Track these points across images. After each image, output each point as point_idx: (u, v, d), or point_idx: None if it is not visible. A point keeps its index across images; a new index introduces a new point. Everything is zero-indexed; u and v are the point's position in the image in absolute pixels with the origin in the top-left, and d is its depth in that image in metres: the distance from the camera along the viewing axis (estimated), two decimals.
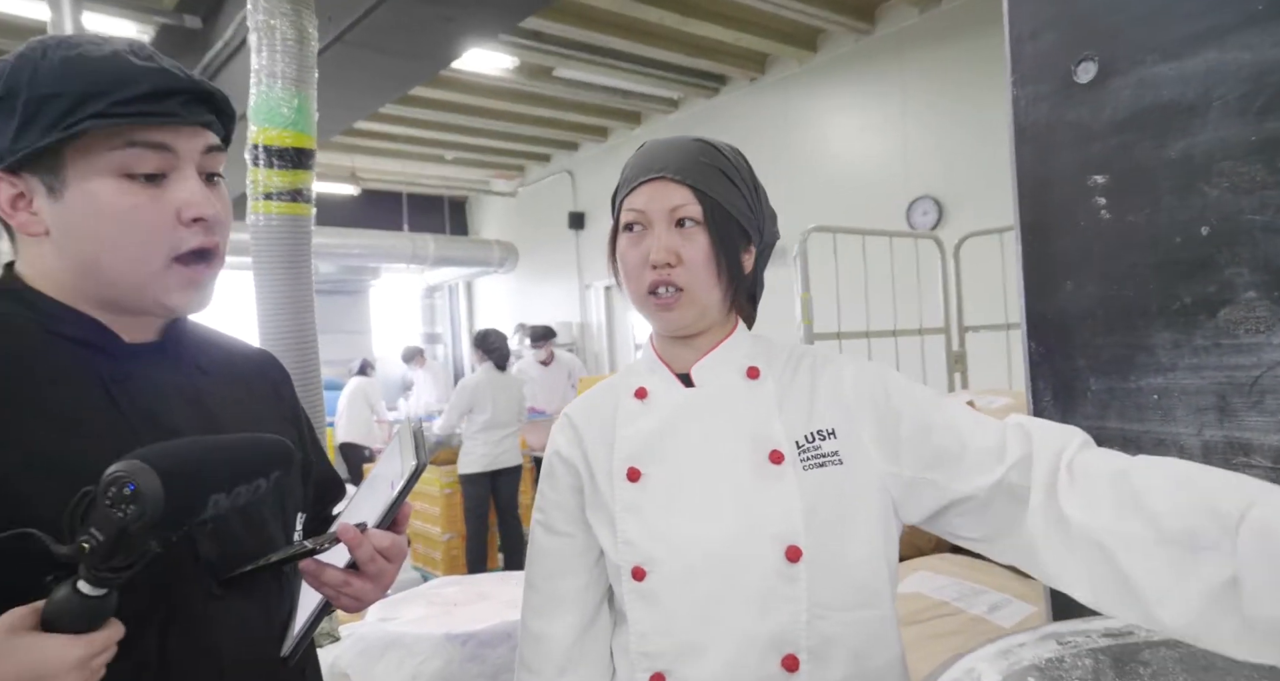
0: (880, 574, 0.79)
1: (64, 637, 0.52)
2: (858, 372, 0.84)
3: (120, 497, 0.51)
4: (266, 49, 1.61)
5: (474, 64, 5.52)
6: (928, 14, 5.06)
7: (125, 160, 0.64)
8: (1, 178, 0.65)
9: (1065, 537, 0.66)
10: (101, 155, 0.64)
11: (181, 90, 0.66)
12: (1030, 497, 0.70)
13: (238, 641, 0.70)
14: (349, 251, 7.87)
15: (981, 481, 0.73)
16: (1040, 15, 1.07)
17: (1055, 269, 1.09)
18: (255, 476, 0.58)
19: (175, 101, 0.65)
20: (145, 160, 0.65)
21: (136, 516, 0.50)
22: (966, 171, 4.87)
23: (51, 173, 0.64)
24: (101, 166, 0.64)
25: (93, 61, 0.63)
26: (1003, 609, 1.40)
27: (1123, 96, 1.00)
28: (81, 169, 0.64)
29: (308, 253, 1.70)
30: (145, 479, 0.51)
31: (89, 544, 0.51)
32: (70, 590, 0.53)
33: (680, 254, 0.80)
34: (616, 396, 0.88)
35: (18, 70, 0.63)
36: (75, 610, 0.53)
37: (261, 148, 1.61)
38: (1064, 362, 1.09)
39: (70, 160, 0.64)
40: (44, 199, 0.65)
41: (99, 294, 0.68)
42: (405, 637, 1.91)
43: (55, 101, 0.62)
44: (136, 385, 0.69)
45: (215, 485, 0.55)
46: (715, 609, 0.75)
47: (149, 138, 0.64)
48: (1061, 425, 0.75)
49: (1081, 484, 0.66)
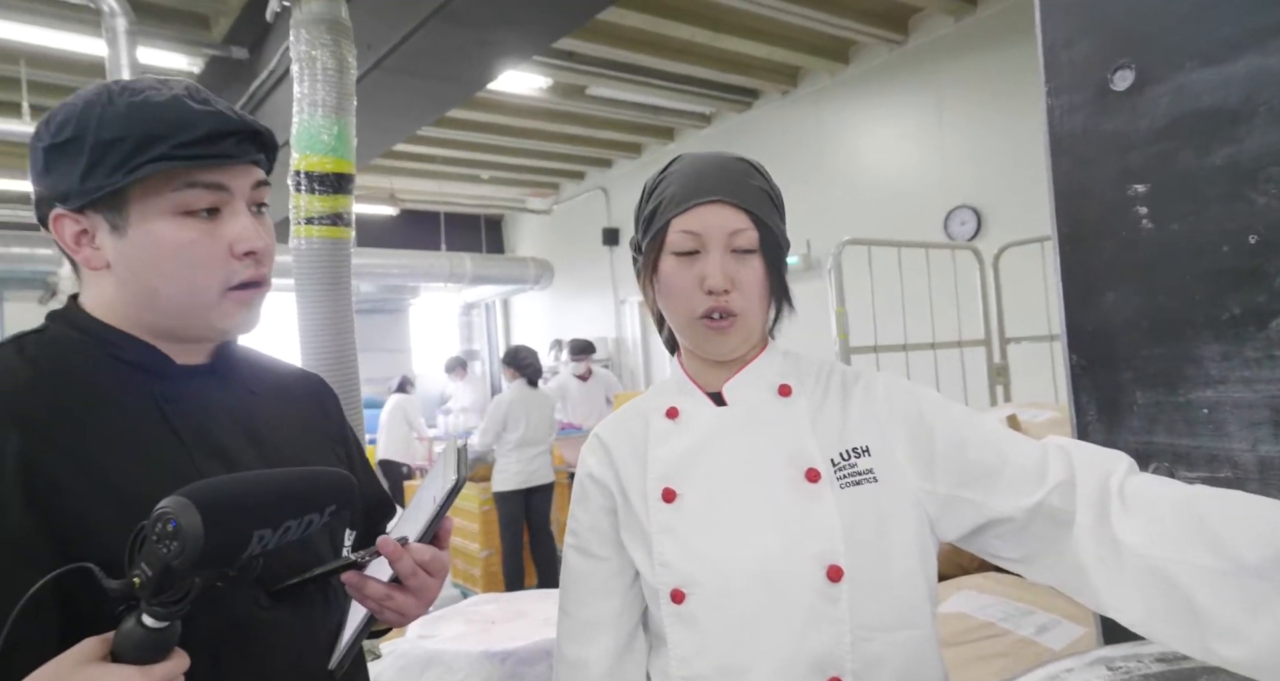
0: (921, 592, 0.77)
1: (128, 668, 0.54)
2: (889, 388, 0.83)
3: (165, 534, 0.52)
4: (308, 79, 1.66)
5: (508, 85, 5.62)
6: (963, 22, 5.02)
7: (184, 200, 0.68)
8: (68, 216, 0.69)
9: (1118, 563, 0.64)
10: (163, 195, 0.67)
11: (234, 131, 0.69)
12: (1076, 521, 0.68)
13: (286, 652, 0.73)
14: (388, 271, 8.03)
15: (1021, 502, 0.71)
16: (1074, 23, 1.05)
17: (1096, 279, 1.07)
18: (306, 511, 0.59)
19: (229, 142, 0.69)
20: (202, 199, 0.69)
21: (178, 553, 0.52)
22: (1006, 180, 4.79)
23: (115, 211, 0.68)
24: (163, 206, 0.68)
25: (155, 106, 0.67)
26: (1051, 630, 1.36)
27: (1162, 104, 0.98)
28: (143, 208, 0.68)
29: (347, 274, 1.74)
30: (186, 516, 0.52)
31: (139, 578, 0.53)
32: (135, 622, 0.55)
33: (736, 279, 0.79)
34: (647, 416, 0.88)
35: (86, 114, 0.67)
36: (139, 641, 0.55)
37: (303, 174, 1.67)
38: (1107, 375, 1.06)
39: (133, 199, 0.67)
40: (107, 235, 0.69)
41: (156, 322, 0.71)
42: (444, 655, 1.92)
43: (120, 145, 0.65)
44: (188, 405, 0.72)
45: (260, 521, 0.56)
46: (756, 630, 0.74)
47: (206, 179, 0.68)
48: (1105, 449, 0.73)
49: (1138, 509, 0.65)
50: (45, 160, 0.69)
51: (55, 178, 0.68)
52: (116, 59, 3.33)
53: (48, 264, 5.90)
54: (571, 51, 5.14)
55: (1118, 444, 1.06)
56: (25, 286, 6.27)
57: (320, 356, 1.71)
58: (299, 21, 1.68)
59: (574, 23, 3.58)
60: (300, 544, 0.75)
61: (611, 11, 4.44)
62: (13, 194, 7.12)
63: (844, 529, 0.75)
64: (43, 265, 5.98)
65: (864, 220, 5.06)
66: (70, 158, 0.67)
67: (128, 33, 3.33)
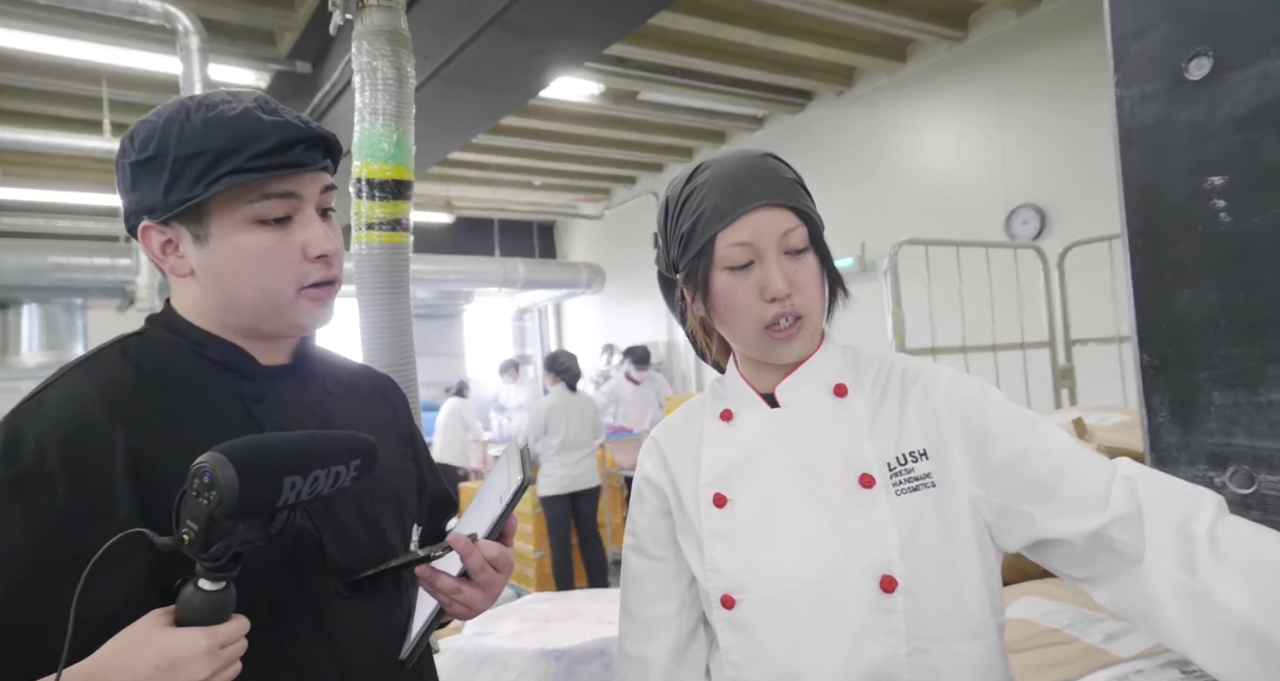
0: (983, 602, 0.74)
1: (192, 629, 0.59)
2: (950, 387, 0.79)
3: (203, 487, 0.56)
4: (369, 89, 1.71)
5: (560, 92, 5.69)
6: (1025, 17, 4.87)
7: (259, 210, 0.72)
8: (154, 227, 0.73)
9: (1211, 617, 0.61)
10: (240, 207, 0.72)
11: (302, 139, 0.73)
12: (1146, 560, 0.65)
13: (362, 641, 0.76)
14: (444, 277, 8.21)
15: (1078, 527, 0.68)
16: (1146, 11, 1.02)
17: (1169, 276, 1.02)
18: (332, 463, 0.63)
19: (298, 150, 0.72)
20: (275, 208, 0.73)
21: (216, 502, 0.56)
22: (1071, 177, 4.62)
23: (197, 222, 0.72)
24: (240, 217, 0.72)
25: (228, 121, 0.70)
26: (1120, 638, 1.30)
27: (1244, 92, 0.93)
28: (222, 219, 0.72)
29: (406, 279, 1.79)
30: (220, 467, 0.56)
31: (188, 534, 0.57)
32: (193, 588, 0.59)
33: (795, 281, 0.77)
34: (702, 418, 0.87)
35: (166, 131, 0.71)
36: (198, 604, 0.59)
37: (364, 181, 1.72)
38: (1182, 375, 1.02)
39: (212, 211, 0.72)
40: (190, 245, 0.73)
41: (239, 323, 0.76)
42: (501, 652, 1.95)
43: (198, 159, 0.69)
44: (272, 404, 0.76)
45: (288, 468, 0.60)
46: (809, 640, 0.73)
47: (279, 188, 0.72)
48: (1186, 484, 0.69)
49: (1235, 566, 0.61)
50: (132, 176, 0.73)
51: (141, 193, 0.72)
52: (190, 75, 3.50)
53: (127, 273, 6.22)
54: (623, 57, 5.18)
55: (1192, 446, 1.02)
56: (106, 294, 6.61)
57: (381, 359, 1.76)
58: (360, 33, 1.74)
59: (627, 28, 3.61)
60: (375, 536, 0.79)
61: (663, 16, 4.45)
62: (96, 208, 7.54)
63: (901, 537, 0.73)
64: (123, 275, 6.31)
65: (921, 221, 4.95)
66: (154, 173, 0.71)
67: (200, 50, 3.50)
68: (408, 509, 0.87)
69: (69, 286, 6.33)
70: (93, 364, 0.73)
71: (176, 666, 0.57)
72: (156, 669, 0.56)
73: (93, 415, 0.67)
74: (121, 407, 0.68)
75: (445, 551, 0.72)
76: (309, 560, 0.73)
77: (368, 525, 0.79)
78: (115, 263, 6.35)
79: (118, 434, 0.66)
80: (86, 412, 0.67)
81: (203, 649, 0.58)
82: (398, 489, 0.86)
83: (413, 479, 0.90)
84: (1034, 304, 2.80)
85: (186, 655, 0.57)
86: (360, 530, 0.78)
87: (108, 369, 0.72)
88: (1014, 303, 2.75)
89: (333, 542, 0.75)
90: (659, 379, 6.32)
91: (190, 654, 0.57)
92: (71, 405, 0.68)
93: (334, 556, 0.74)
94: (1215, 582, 0.60)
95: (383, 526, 0.81)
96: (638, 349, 6.02)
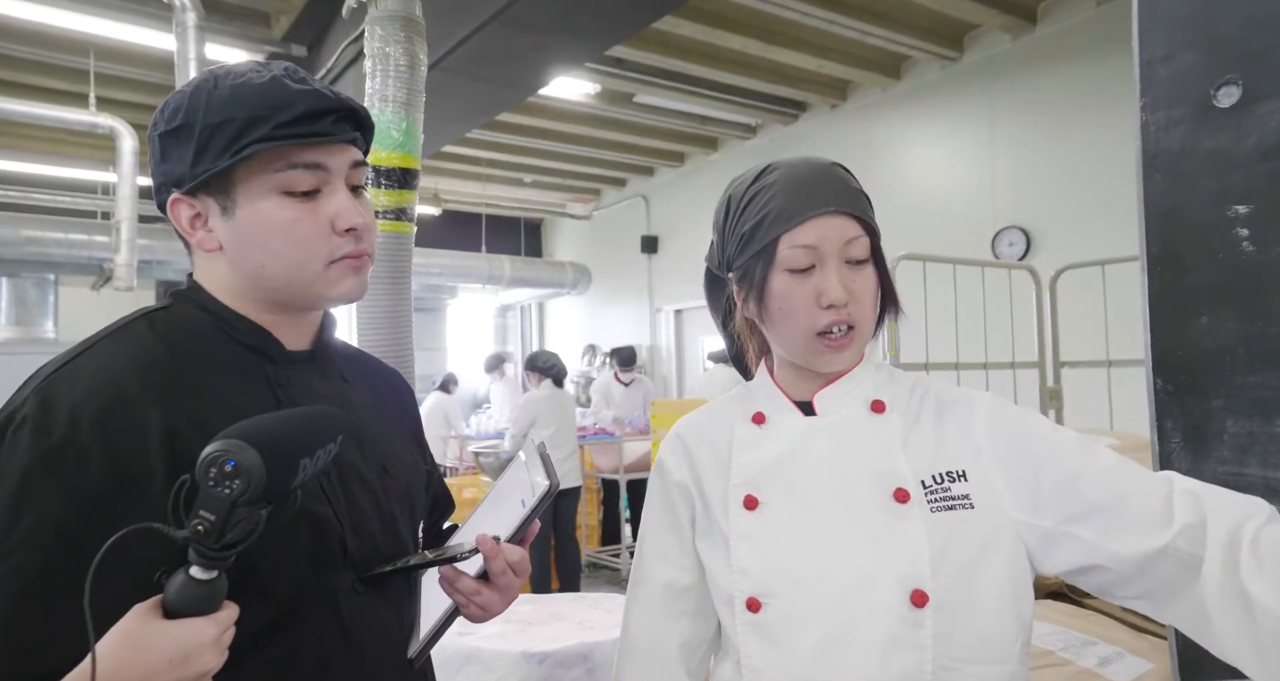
0: (1011, 626, 0.74)
1: (199, 619, 0.56)
2: (992, 412, 0.79)
3: (224, 476, 0.54)
4: (380, 74, 1.69)
5: (557, 90, 5.67)
6: (1021, 41, 4.94)
7: (287, 180, 0.70)
8: (183, 200, 0.71)
9: (1247, 618, 0.61)
10: (267, 175, 0.69)
11: (331, 109, 0.70)
12: (1204, 568, 0.64)
13: (379, 636, 0.75)
14: (429, 271, 8.13)
15: (1144, 545, 0.67)
16: (1175, 37, 1.02)
17: (1188, 302, 1.03)
18: (327, 441, 0.62)
19: (327, 121, 0.70)
20: (303, 180, 0.70)
21: (243, 490, 0.54)
22: (1058, 202, 4.69)
23: (224, 193, 0.70)
24: (267, 186, 0.69)
25: (256, 88, 0.68)
26: (1114, 663, 1.31)
27: (1272, 122, 0.94)
28: (249, 189, 0.70)
29: (408, 269, 1.76)
30: (243, 454, 0.54)
31: (204, 525, 0.55)
32: (185, 577, 0.56)
33: (852, 291, 0.76)
34: (731, 420, 0.86)
35: (194, 100, 0.69)
36: (194, 594, 0.56)
37: (372, 168, 1.69)
38: (1196, 402, 1.03)
39: (239, 181, 0.69)
40: (218, 218, 0.71)
41: (267, 297, 0.74)
42: (484, 653, 1.92)
43: (226, 127, 0.67)
44: (296, 389, 0.74)
45: (301, 450, 0.59)
46: (835, 650, 0.72)
47: (305, 158, 0.70)
48: (1243, 495, 0.69)
49: (1274, 565, 0.61)
50: (162, 148, 0.71)
51: (170, 164, 0.70)
52: (185, 53, 3.43)
53: (104, 251, 6.05)
54: (621, 58, 5.17)
55: (1203, 473, 1.02)
56: (80, 271, 6.43)
57: (380, 352, 1.72)
58: (374, 18, 1.71)
59: (631, 30, 3.60)
60: (388, 530, 0.77)
61: (664, 20, 4.45)
62: (76, 182, 7.37)
63: (933, 554, 0.72)
64: (99, 252, 6.12)
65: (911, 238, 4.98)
66: (183, 143, 0.69)
67: (197, 28, 3.43)
68: (418, 505, 0.86)
69: (41, 261, 6.15)
70: (123, 336, 0.70)
71: (190, 658, 0.55)
72: (170, 662, 0.54)
73: (128, 389, 0.65)
74: (155, 383, 0.66)
75: (472, 553, 0.71)
76: (330, 553, 0.71)
77: (383, 520, 0.77)
78: (92, 239, 6.18)
79: (152, 410, 0.64)
80: (121, 386, 0.65)
81: (212, 638, 0.57)
82: (410, 485, 0.84)
83: (422, 475, 0.89)
84: (1025, 324, 2.83)
85: (197, 645, 0.56)
86: (375, 523, 0.76)
87: (139, 342, 0.70)
88: (1006, 322, 2.77)
89: (353, 537, 0.73)
90: (646, 382, 6.31)
91: (201, 643, 0.56)
92: (105, 376, 0.65)
93: (354, 549, 0.73)
94: (1253, 583, 0.60)
95: (397, 522, 0.79)
96: (624, 350, 6.00)
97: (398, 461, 0.82)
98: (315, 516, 0.70)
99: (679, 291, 7.95)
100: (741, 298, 0.84)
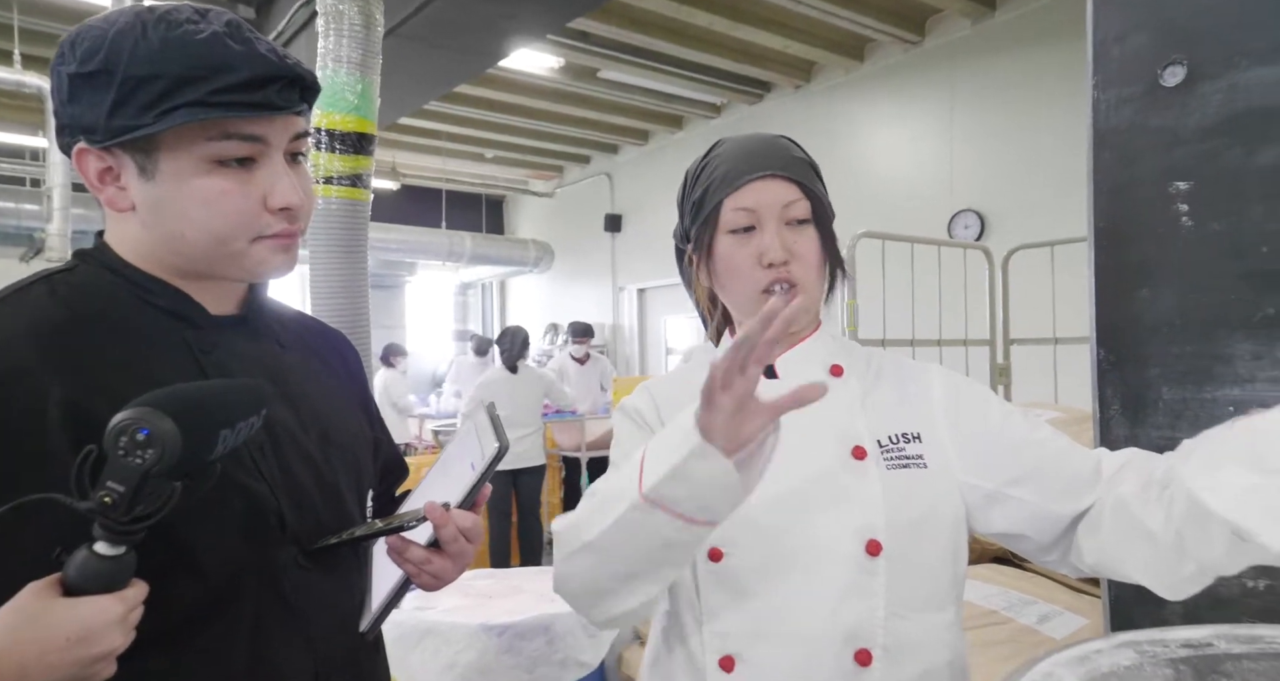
0: (954, 579, 0.79)
1: (102, 597, 0.53)
2: (948, 382, 0.85)
3: (135, 444, 0.51)
4: (334, 33, 1.63)
5: (519, 63, 5.57)
6: (980, 26, 5.01)
7: (220, 150, 0.64)
8: (92, 152, 0.64)
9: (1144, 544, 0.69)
10: (197, 143, 0.63)
11: (277, 77, 0.64)
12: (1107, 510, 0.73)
13: (323, 612, 0.72)
14: (387, 246, 7.97)
15: (1076, 506, 0.75)
16: (1128, 17, 1.05)
17: (1130, 276, 1.07)
18: (250, 413, 0.59)
19: (271, 89, 0.64)
20: (238, 150, 0.64)
21: (156, 459, 0.51)
22: (1013, 185, 4.79)
23: (144, 153, 0.63)
24: (197, 154, 0.63)
25: (193, 45, 0.62)
26: (1052, 620, 1.37)
27: (1213, 101, 0.97)
28: (175, 153, 0.63)
29: (364, 238, 1.72)
30: (158, 422, 0.51)
31: (110, 498, 0.51)
32: (88, 552, 0.53)
33: (793, 250, 0.80)
34: (697, 384, 0.87)
35: (117, 45, 0.61)
36: (98, 570, 0.53)
37: (324, 132, 1.64)
38: (1135, 371, 1.07)
39: (165, 144, 0.63)
40: (134, 177, 0.65)
41: (184, 266, 0.68)
42: (442, 626, 1.92)
43: (152, 83, 0.60)
44: (222, 356, 0.70)
45: (222, 421, 0.56)
46: (793, 596, 0.75)
47: (244, 130, 0.64)
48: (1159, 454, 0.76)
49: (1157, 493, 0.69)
50: (70, 89, 0.63)
51: (79, 109, 0.63)
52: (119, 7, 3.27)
53: (34, 220, 5.70)
54: (586, 32, 5.10)
55: (1140, 439, 1.07)
56: (8, 241, 6.06)
57: (333, 322, 1.69)
58: None
59: (595, 1, 3.55)
60: (332, 502, 0.74)
61: None
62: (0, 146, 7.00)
63: (887, 507, 0.76)
64: (29, 221, 5.78)
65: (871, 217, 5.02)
66: (97, 90, 0.62)
67: None
68: (364, 473, 0.82)
69: None
70: (18, 302, 0.64)
71: (90, 637, 0.52)
72: (69, 641, 0.51)
73: (23, 360, 0.59)
74: (55, 353, 0.61)
75: (419, 521, 0.69)
76: (267, 527, 0.68)
77: (325, 491, 0.73)
78: (20, 207, 5.85)
79: (52, 383, 0.59)
80: (16, 357, 0.60)
81: (117, 616, 0.53)
82: (356, 453, 0.81)
83: (370, 442, 0.85)
84: (978, 303, 2.91)
85: (101, 624, 0.52)
86: (317, 495, 0.72)
87: (36, 308, 0.64)
88: (960, 301, 2.84)
89: (291, 509, 0.70)
90: (604, 361, 6.29)
91: (105, 622, 0.52)
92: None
93: (293, 524, 0.69)
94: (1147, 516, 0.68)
95: (341, 492, 0.76)
96: (578, 323, 5.95)
97: (341, 429, 0.79)
98: (247, 490, 0.66)
99: (643, 270, 7.94)
100: (695, 265, 0.86)
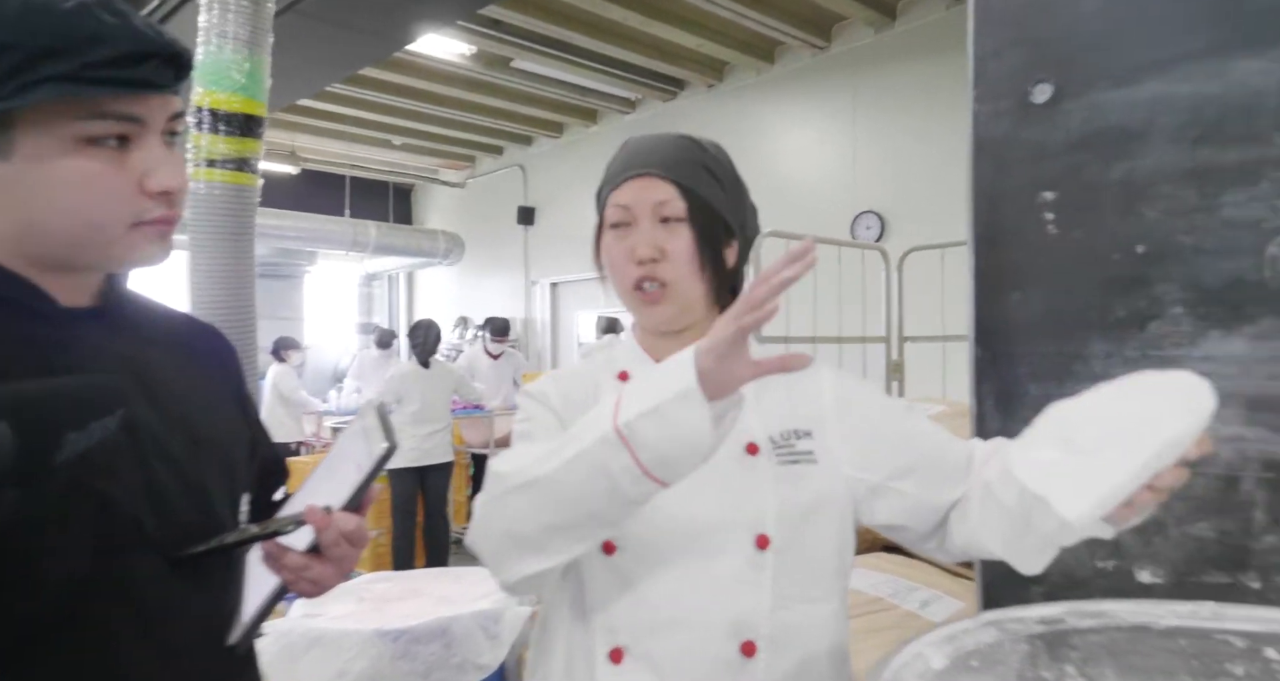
0: (839, 570, 0.82)
1: None
2: (836, 380, 0.88)
3: None
4: (219, 7, 1.53)
5: (429, 48, 5.41)
6: (881, 35, 5.22)
7: (91, 128, 0.59)
8: None
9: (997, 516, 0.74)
10: (64, 122, 0.58)
11: (154, 53, 0.60)
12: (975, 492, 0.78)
13: (189, 626, 0.67)
14: (284, 233, 7.60)
15: (952, 495, 0.80)
16: (1004, 35, 1.11)
17: (1004, 280, 1.13)
18: (103, 413, 0.55)
19: (147, 66, 0.59)
20: (113, 128, 0.60)
21: None
22: (910, 189, 5.03)
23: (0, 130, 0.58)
24: (63, 134, 0.58)
25: (57, 14, 0.57)
26: (933, 604, 1.45)
27: (1075, 118, 1.05)
28: (36, 134, 0.58)
29: (251, 225, 1.63)
30: None
31: None
32: None
33: (664, 249, 0.81)
34: (596, 376, 0.88)
35: None
36: None
37: (207, 111, 1.54)
38: (1007, 369, 1.14)
39: (23, 121, 0.57)
40: None
41: (42, 254, 0.62)
42: (330, 634, 1.85)
43: (9, 54, 0.55)
44: (77, 353, 0.63)
45: (69, 421, 0.52)
46: (683, 589, 0.76)
47: (117, 109, 0.59)
48: None
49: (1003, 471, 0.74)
50: None
51: None
52: None
53: None
54: (499, 20, 5.00)
55: (1010, 431, 1.13)
56: None
57: (215, 314, 1.60)
58: None
59: None
60: (200, 507, 0.69)
61: None
62: None
63: (777, 502, 0.78)
64: None
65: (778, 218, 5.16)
66: None
67: None
68: (238, 476, 0.77)
69: None
70: None
71: None
72: None
73: None
74: None
75: (297, 525, 0.65)
76: (123, 534, 0.62)
77: (192, 495, 0.68)
78: None
79: None
80: None
81: None
82: (229, 453, 0.75)
83: (245, 442, 0.80)
84: (875, 302, 3.03)
85: None
86: (182, 500, 0.67)
87: None
88: (859, 299, 2.96)
89: (151, 515, 0.64)
90: (516, 355, 6.22)
91: None
92: None
93: (153, 530, 0.64)
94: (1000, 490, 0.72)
95: (210, 495, 0.70)
96: (497, 320, 5.87)
97: (212, 428, 0.73)
98: (100, 495, 0.60)
99: (556, 264, 7.88)
100: (595, 258, 0.88)
